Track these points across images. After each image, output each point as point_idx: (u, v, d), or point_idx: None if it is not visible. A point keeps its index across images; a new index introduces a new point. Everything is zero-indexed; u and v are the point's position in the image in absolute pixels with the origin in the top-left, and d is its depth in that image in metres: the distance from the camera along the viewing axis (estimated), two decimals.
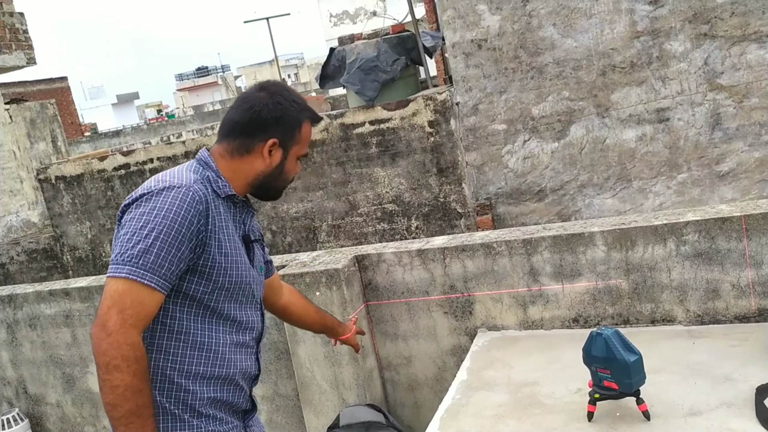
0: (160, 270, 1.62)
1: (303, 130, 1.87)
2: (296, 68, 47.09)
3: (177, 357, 1.74)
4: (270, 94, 1.85)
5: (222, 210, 1.78)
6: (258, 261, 1.97)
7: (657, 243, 2.54)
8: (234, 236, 1.81)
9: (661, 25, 5.08)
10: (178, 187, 1.69)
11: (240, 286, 1.81)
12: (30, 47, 8.68)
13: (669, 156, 5.26)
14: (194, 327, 1.75)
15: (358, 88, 6.06)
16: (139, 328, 1.61)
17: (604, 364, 2.03)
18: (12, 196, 8.09)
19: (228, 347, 1.81)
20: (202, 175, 1.80)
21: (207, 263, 1.72)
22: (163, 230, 1.63)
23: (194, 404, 1.76)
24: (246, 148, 1.83)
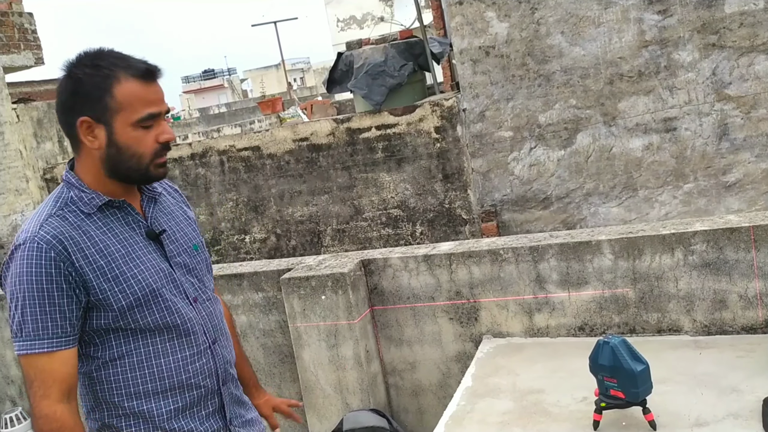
0: (46, 332, 1.54)
1: (118, 92, 1.57)
2: (302, 72, 47.21)
3: (120, 383, 1.66)
4: (67, 68, 1.61)
5: (96, 228, 1.62)
6: (181, 247, 1.77)
7: (665, 252, 2.54)
8: (125, 246, 1.65)
9: (669, 34, 5.08)
10: (23, 243, 1.57)
11: (151, 295, 1.65)
12: (38, 47, 8.71)
13: (675, 166, 5.25)
14: (125, 351, 1.65)
15: (365, 92, 6.07)
16: (52, 396, 1.55)
17: (611, 372, 2.03)
18: (18, 195, 8.11)
19: (168, 357, 1.68)
20: (64, 200, 1.64)
21: (98, 297, 1.59)
22: (26, 295, 1.55)
23: (155, 420, 1.67)
24: (74, 139, 1.63)
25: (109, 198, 1.65)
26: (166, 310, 1.67)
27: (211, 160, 6.71)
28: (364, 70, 6.18)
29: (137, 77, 1.60)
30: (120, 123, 1.59)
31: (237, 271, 3.33)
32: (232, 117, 18.79)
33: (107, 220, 1.65)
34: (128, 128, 1.60)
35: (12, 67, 8.31)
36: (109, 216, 1.66)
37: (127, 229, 1.67)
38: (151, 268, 1.66)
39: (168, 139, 1.65)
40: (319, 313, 3.01)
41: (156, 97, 1.63)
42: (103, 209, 1.65)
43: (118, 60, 1.61)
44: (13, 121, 8.16)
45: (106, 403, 1.67)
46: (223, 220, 6.85)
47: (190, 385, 1.70)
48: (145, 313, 1.64)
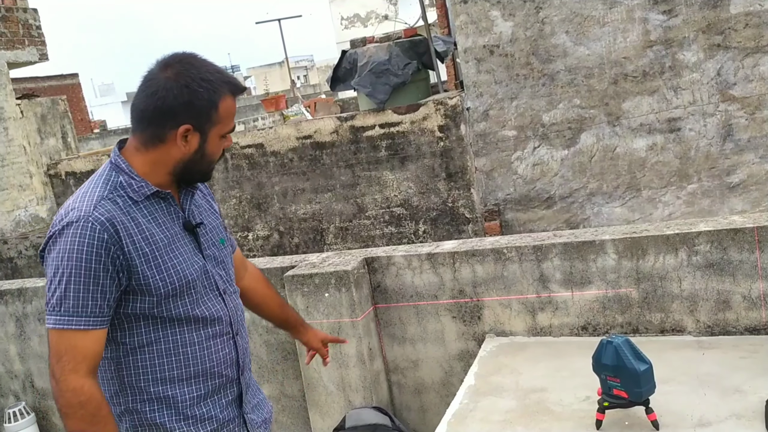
0: (85, 310, 1.60)
1: (221, 108, 1.70)
2: (306, 70, 47.19)
3: (147, 369, 1.72)
4: (176, 74, 1.67)
5: (143, 216, 1.69)
6: (211, 240, 1.85)
7: (668, 252, 2.54)
8: (168, 236, 1.72)
9: (674, 34, 5.08)
10: (76, 221, 1.61)
11: (187, 286, 1.73)
12: (42, 43, 8.72)
13: (679, 166, 5.25)
14: (155, 338, 1.71)
15: (369, 91, 6.07)
16: (81, 371, 1.60)
17: (614, 372, 2.03)
18: (21, 191, 8.13)
19: (195, 346, 1.75)
20: (114, 184, 1.70)
21: (140, 282, 1.66)
22: (73, 272, 1.60)
23: (178, 406, 1.74)
24: (158, 137, 1.70)
25: (157, 188, 1.72)
26: (198, 301, 1.75)
27: None
28: (368, 68, 6.18)
29: (233, 94, 1.73)
30: (213, 134, 1.72)
31: None
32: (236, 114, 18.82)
33: (152, 208, 1.72)
34: (217, 139, 1.73)
35: (16, 62, 8.32)
36: (154, 205, 1.72)
37: (168, 219, 1.74)
38: (188, 260, 1.74)
39: (228, 146, 1.80)
40: (322, 311, 3.01)
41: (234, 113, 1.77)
42: (149, 198, 1.72)
43: (219, 75, 1.72)
44: (17, 117, 8.17)
45: (131, 387, 1.73)
46: (226, 217, 6.86)
47: (213, 374, 1.78)
48: (179, 303, 1.71)
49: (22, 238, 7.39)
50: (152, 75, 1.69)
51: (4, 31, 8.18)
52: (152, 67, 1.70)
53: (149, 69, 1.71)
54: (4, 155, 7.86)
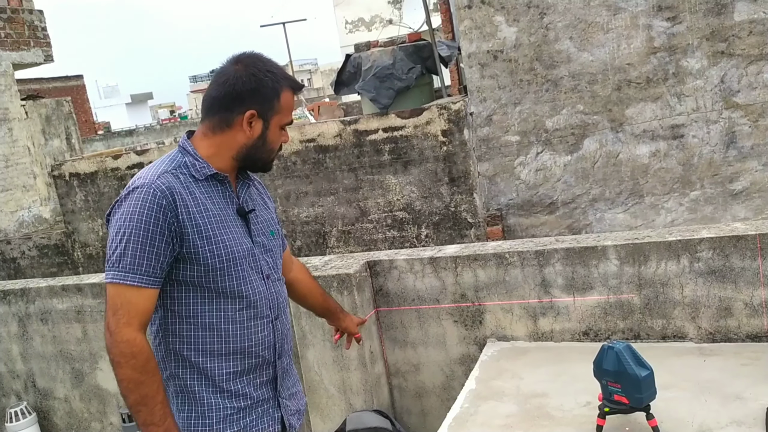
0: (140, 268, 1.73)
1: (282, 98, 1.88)
2: (310, 73, 47.27)
3: (191, 339, 1.85)
4: (245, 66, 1.87)
5: (200, 192, 1.83)
6: (261, 229, 1.98)
7: (670, 259, 2.54)
8: (221, 214, 1.85)
9: (678, 41, 5.08)
10: (140, 187, 1.77)
11: (233, 262, 1.84)
12: (48, 44, 8.76)
13: (682, 173, 5.25)
14: (200, 310, 1.84)
15: (372, 95, 6.08)
16: (134, 325, 1.73)
17: (615, 378, 2.03)
18: (25, 192, 8.15)
19: (236, 323, 1.86)
20: (178, 163, 1.85)
21: (191, 250, 1.79)
22: (133, 232, 1.74)
23: (215, 379, 1.86)
24: (226, 122, 1.86)
25: (216, 171, 1.87)
26: (243, 279, 1.87)
27: None
28: (372, 72, 6.20)
29: (294, 90, 1.91)
30: (275, 122, 1.89)
31: None
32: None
33: (210, 188, 1.87)
34: (277, 128, 1.91)
35: (21, 63, 8.35)
36: (212, 186, 1.87)
37: (223, 201, 1.89)
38: (237, 239, 1.87)
39: (286, 141, 1.97)
40: None
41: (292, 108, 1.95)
42: (209, 179, 1.87)
43: (282, 71, 1.91)
44: (22, 118, 8.20)
45: (175, 354, 1.86)
46: None
47: (251, 353, 1.89)
48: (225, 277, 1.83)
49: (25, 238, 7.41)
50: (224, 68, 1.89)
51: (10, 33, 8.21)
52: (224, 63, 1.91)
53: (221, 65, 1.91)
54: (8, 156, 7.88)
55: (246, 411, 1.90)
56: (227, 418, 1.87)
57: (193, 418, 1.86)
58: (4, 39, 7.99)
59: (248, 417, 1.91)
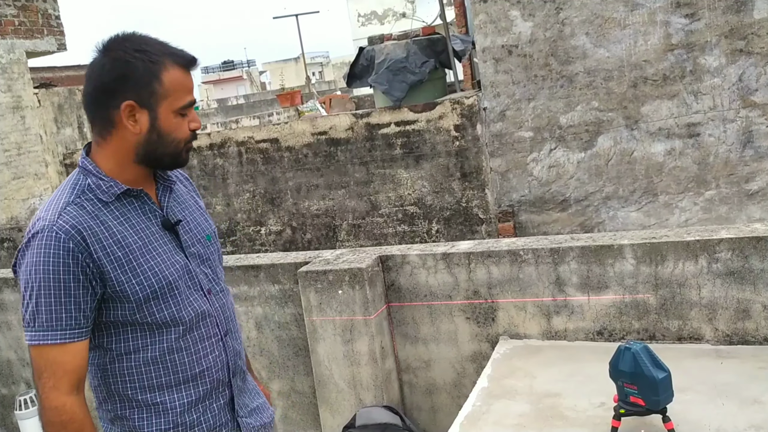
0: (59, 323, 1.53)
1: (165, 78, 1.58)
2: (321, 66, 47.21)
3: (133, 377, 1.65)
4: (106, 50, 1.59)
5: (114, 218, 1.61)
6: (195, 237, 1.76)
7: (688, 259, 2.50)
8: (144, 237, 1.64)
9: (696, 38, 5.02)
10: (40, 231, 1.54)
11: (167, 288, 1.64)
12: (61, 33, 8.76)
13: (698, 172, 5.19)
14: (140, 345, 1.64)
15: (385, 88, 6.05)
16: (62, 388, 1.53)
17: (632, 379, 2.00)
18: (36, 180, 8.17)
19: (182, 351, 1.67)
20: (81, 188, 1.61)
21: (115, 288, 1.58)
22: (42, 285, 1.53)
23: (168, 414, 1.67)
24: (108, 123, 1.60)
25: (127, 187, 1.64)
26: (181, 303, 1.66)
27: (229, 150, 6.72)
28: (386, 65, 6.17)
29: (182, 65, 1.62)
30: (164, 109, 1.60)
31: (254, 263, 3.33)
32: (251, 109, 18.84)
33: (124, 209, 1.63)
34: (170, 115, 1.61)
35: (35, 52, 8.36)
36: (126, 205, 1.64)
37: (143, 219, 1.66)
38: (167, 260, 1.65)
39: (197, 127, 1.67)
40: (335, 308, 3.00)
41: (193, 86, 1.67)
42: (120, 198, 1.63)
43: (162, 47, 1.62)
44: (35, 106, 8.22)
45: (118, 395, 1.67)
46: (239, 211, 6.86)
47: (203, 378, 1.70)
48: (161, 306, 1.63)
49: None
50: (91, 60, 1.62)
51: (24, 21, 8.22)
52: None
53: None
54: (20, 143, 7.90)
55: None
56: None
57: None
58: (18, 27, 8.00)
59: None
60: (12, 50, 7.81)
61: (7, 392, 4.17)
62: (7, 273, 4.09)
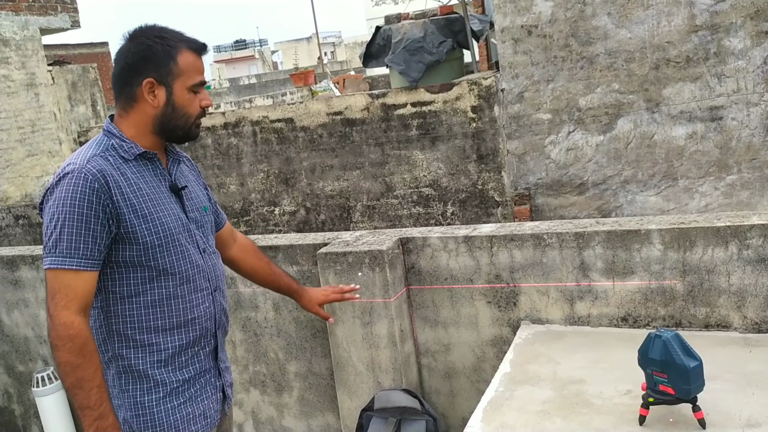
0: (77, 252, 1.76)
1: (180, 60, 1.88)
2: (333, 46, 46.89)
3: (134, 318, 1.89)
4: (133, 37, 1.90)
5: (132, 172, 1.87)
6: (195, 205, 2.04)
7: (718, 245, 2.45)
8: (154, 193, 1.90)
9: (721, 20, 4.91)
10: (70, 173, 1.79)
11: (171, 239, 1.90)
12: (75, 10, 8.71)
13: (719, 156, 5.11)
14: (142, 288, 1.88)
15: (402, 68, 5.98)
16: (72, 308, 1.76)
17: (662, 367, 1.96)
18: (50, 157, 8.16)
19: (178, 298, 1.92)
20: (105, 146, 1.88)
21: (128, 230, 1.82)
22: (67, 217, 1.76)
23: (161, 354, 1.92)
24: (132, 97, 1.90)
25: (145, 149, 1.91)
26: (181, 254, 1.93)
27: (243, 130, 6.68)
28: (402, 45, 6.08)
29: (194, 50, 1.92)
30: (179, 86, 1.90)
31: (272, 243, 3.30)
32: (263, 88, 18.75)
33: (141, 168, 1.91)
34: (184, 91, 1.91)
35: (48, 29, 8.32)
36: (142, 166, 1.92)
37: (155, 179, 1.93)
38: (172, 215, 1.93)
39: (207, 104, 1.96)
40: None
41: (203, 68, 1.97)
42: (138, 158, 1.91)
43: (178, 35, 1.92)
44: (48, 83, 8.19)
45: (118, 334, 1.90)
46: (253, 191, 6.83)
47: (194, 325, 1.97)
48: (165, 254, 1.89)
49: None
50: (119, 47, 1.92)
51: None
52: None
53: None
54: (34, 121, 7.88)
55: (191, 382, 1.98)
56: (173, 391, 1.94)
57: (139, 396, 1.91)
58: (32, 3, 7.95)
59: (193, 387, 1.98)
60: (26, 27, 7.77)
61: (24, 369, 4.18)
62: (24, 250, 4.08)
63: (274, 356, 3.36)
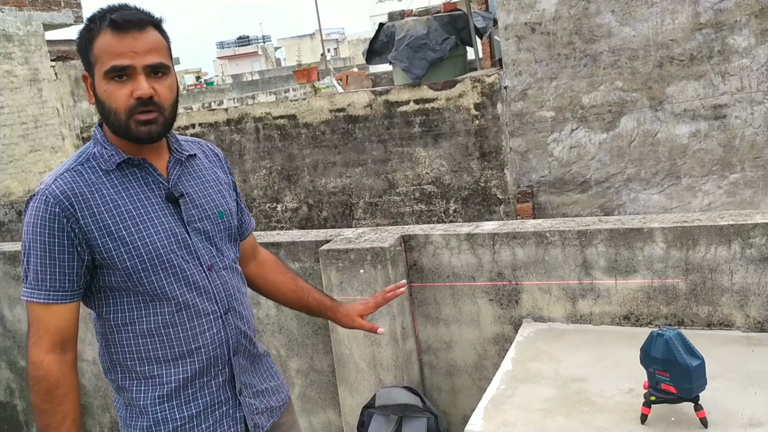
0: (44, 284, 1.57)
1: (96, 43, 1.56)
2: (336, 43, 46.86)
3: (131, 348, 1.66)
4: None
5: (111, 186, 1.60)
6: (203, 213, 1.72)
7: (721, 244, 2.44)
8: (140, 207, 1.62)
9: (725, 18, 4.90)
10: (35, 195, 1.60)
11: (157, 260, 1.61)
12: (78, 5, 8.71)
13: (722, 154, 5.10)
14: (135, 315, 1.64)
15: (405, 65, 5.97)
16: (43, 345, 1.57)
17: (664, 366, 1.95)
18: (53, 153, 8.16)
19: (177, 326, 1.65)
20: (87, 156, 1.64)
21: (104, 255, 1.58)
22: (31, 246, 1.58)
23: (162, 389, 1.66)
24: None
25: (128, 156, 1.64)
26: (173, 276, 1.64)
27: (246, 126, 6.68)
28: (406, 42, 6.08)
29: (110, 28, 1.55)
30: (97, 76, 1.58)
31: (274, 240, 3.29)
32: (266, 85, 18.75)
33: (125, 179, 1.63)
34: (102, 81, 1.57)
35: (51, 24, 8.32)
36: (128, 175, 1.64)
37: (145, 189, 1.65)
38: (162, 232, 1.63)
39: (140, 95, 1.56)
40: (356, 287, 2.96)
41: (126, 49, 1.55)
42: (122, 167, 1.64)
43: (107, 12, 1.58)
44: (51, 79, 8.19)
45: (120, 365, 1.69)
46: (255, 187, 6.83)
47: (200, 355, 1.68)
48: (152, 278, 1.62)
49: None
50: None
51: None
52: None
53: None
54: (37, 116, 7.89)
55: (201, 417, 1.70)
56: (177, 429, 1.68)
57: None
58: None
59: (204, 423, 1.70)
60: (29, 22, 7.77)
61: (27, 365, 4.18)
62: None
63: (275, 353, 3.35)
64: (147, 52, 1.57)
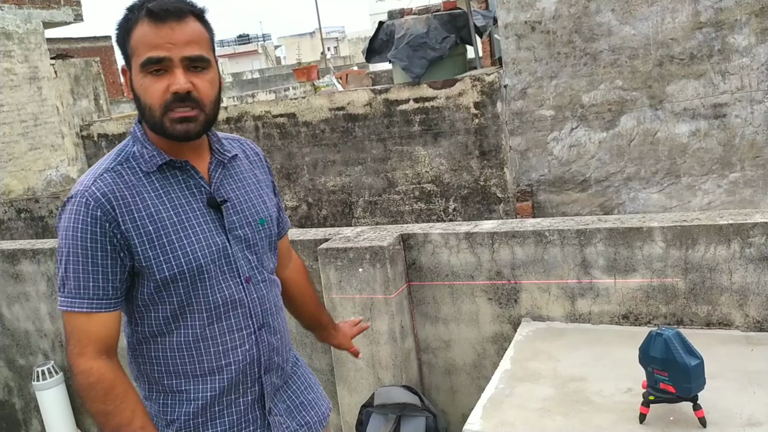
0: (86, 292, 1.48)
1: (134, 35, 1.46)
2: (336, 41, 46.84)
3: (159, 360, 1.59)
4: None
5: (152, 189, 1.52)
6: (244, 219, 1.63)
7: (720, 243, 2.44)
8: (182, 213, 1.53)
9: (725, 17, 4.89)
10: (73, 197, 1.49)
11: (197, 270, 1.53)
12: (78, 3, 8.71)
13: (722, 153, 5.09)
14: (166, 328, 1.56)
15: (405, 64, 5.96)
16: (87, 354, 1.48)
17: (663, 365, 1.95)
18: (53, 151, 8.16)
19: (208, 340, 1.57)
20: (126, 155, 1.54)
21: (142, 263, 1.50)
22: (71, 251, 1.47)
23: (190, 405, 1.59)
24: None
25: (170, 158, 1.53)
26: (210, 288, 1.56)
27: (246, 125, 6.67)
28: (405, 40, 6.07)
29: (147, 18, 1.45)
30: (134, 69, 1.48)
31: None
32: (266, 83, 18.74)
33: (166, 182, 1.54)
34: (138, 75, 1.48)
35: (51, 22, 8.31)
36: (169, 177, 1.54)
37: (186, 193, 1.55)
38: (203, 241, 1.54)
39: (177, 89, 1.45)
40: (355, 286, 2.96)
41: (163, 40, 1.44)
42: (163, 169, 1.54)
43: (145, 1, 1.47)
44: (51, 77, 8.18)
45: (147, 377, 1.62)
46: None
47: (229, 372, 1.60)
48: (189, 289, 1.54)
49: (53, 197, 7.42)
50: None
51: None
52: None
53: None
54: (37, 114, 7.88)
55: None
56: None
57: None
58: None
59: None
60: (29, 20, 7.76)
61: (25, 363, 4.18)
62: (26, 244, 4.09)
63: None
64: (185, 44, 1.46)
